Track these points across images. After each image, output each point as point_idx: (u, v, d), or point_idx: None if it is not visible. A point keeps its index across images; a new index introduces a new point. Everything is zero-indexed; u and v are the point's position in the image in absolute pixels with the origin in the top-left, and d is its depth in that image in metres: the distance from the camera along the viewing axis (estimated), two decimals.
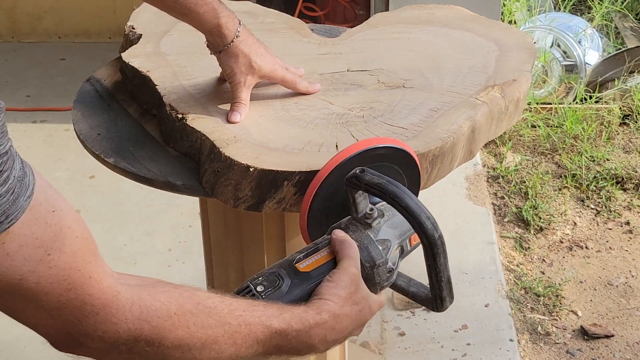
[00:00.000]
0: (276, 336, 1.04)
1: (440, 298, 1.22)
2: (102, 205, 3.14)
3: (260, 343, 1.03)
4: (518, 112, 1.63)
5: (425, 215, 1.16)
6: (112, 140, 1.54)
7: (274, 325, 1.04)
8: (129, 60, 1.66)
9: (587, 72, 3.87)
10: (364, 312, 1.15)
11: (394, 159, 1.31)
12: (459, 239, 2.96)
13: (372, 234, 1.22)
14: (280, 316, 1.05)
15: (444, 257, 1.18)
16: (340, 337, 1.13)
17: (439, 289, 1.21)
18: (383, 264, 1.20)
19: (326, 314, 1.10)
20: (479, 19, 1.88)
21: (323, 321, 1.09)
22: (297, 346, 1.07)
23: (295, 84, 1.56)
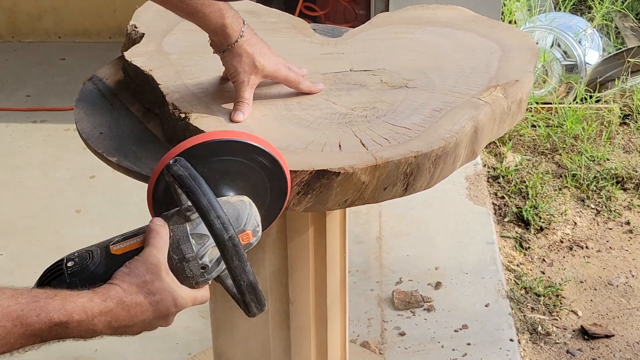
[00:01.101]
0: (56, 328, 1.05)
1: (244, 302, 1.19)
2: (102, 205, 3.14)
3: (38, 336, 1.05)
4: (520, 112, 1.64)
5: (214, 214, 1.13)
6: (114, 139, 1.54)
7: (54, 319, 1.05)
8: (131, 59, 1.66)
9: (587, 72, 3.87)
10: (163, 303, 1.13)
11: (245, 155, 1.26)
12: (459, 239, 2.96)
13: (189, 227, 1.19)
14: (62, 309, 1.06)
15: (237, 260, 1.15)
16: (131, 324, 1.12)
17: (241, 293, 1.18)
18: (193, 259, 1.18)
19: (111, 301, 1.10)
20: (481, 19, 1.88)
21: (108, 309, 1.09)
22: (79, 334, 1.08)
23: (298, 83, 1.56)
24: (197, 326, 2.54)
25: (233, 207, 1.22)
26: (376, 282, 2.75)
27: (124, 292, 1.11)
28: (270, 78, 1.55)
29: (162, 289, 1.14)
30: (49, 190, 3.24)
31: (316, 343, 1.80)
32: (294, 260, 1.67)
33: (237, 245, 1.14)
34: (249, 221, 1.22)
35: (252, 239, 1.24)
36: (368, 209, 3.07)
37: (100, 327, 1.09)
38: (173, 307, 1.15)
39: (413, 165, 1.38)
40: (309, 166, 1.32)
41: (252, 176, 1.27)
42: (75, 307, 1.07)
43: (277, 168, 1.28)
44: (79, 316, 1.07)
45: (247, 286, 1.17)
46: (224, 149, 1.24)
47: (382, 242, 2.94)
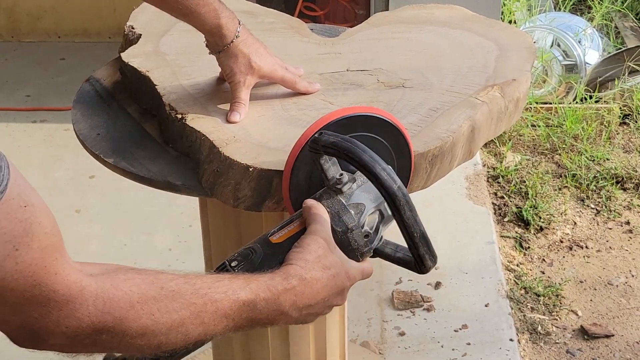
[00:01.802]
0: (245, 308, 1.04)
1: (419, 256, 1.18)
2: (102, 205, 3.14)
3: (229, 318, 1.03)
4: (518, 111, 1.63)
5: (380, 167, 1.13)
6: (111, 140, 1.54)
7: (241, 297, 1.04)
8: (128, 60, 1.66)
9: (587, 71, 3.87)
10: (339, 277, 1.14)
11: (378, 130, 1.27)
12: (459, 238, 2.96)
13: (344, 199, 1.20)
14: (246, 287, 1.05)
15: (409, 210, 1.14)
16: (314, 302, 1.11)
17: (414, 247, 1.17)
18: (356, 228, 1.18)
19: (293, 278, 1.09)
20: (478, 18, 1.88)
21: (291, 286, 1.08)
22: (268, 315, 1.07)
23: (295, 83, 1.56)
24: None
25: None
26: (376, 282, 2.75)
27: (302, 269, 1.10)
28: (267, 78, 1.55)
29: (335, 262, 1.14)
30: (49, 190, 3.25)
31: (315, 343, 1.80)
32: None
33: (406, 195, 1.14)
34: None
35: None
36: None
37: (286, 306, 1.08)
38: (347, 280, 1.15)
39: None
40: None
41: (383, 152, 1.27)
42: (260, 285, 1.06)
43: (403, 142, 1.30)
44: (264, 294, 1.06)
45: (421, 237, 1.16)
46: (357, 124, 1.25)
47: None
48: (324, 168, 1.20)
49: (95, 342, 0.94)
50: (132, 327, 0.95)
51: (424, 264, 1.19)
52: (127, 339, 0.96)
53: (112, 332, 0.94)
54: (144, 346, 0.98)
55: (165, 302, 0.98)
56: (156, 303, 0.97)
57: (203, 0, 1.46)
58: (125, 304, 0.95)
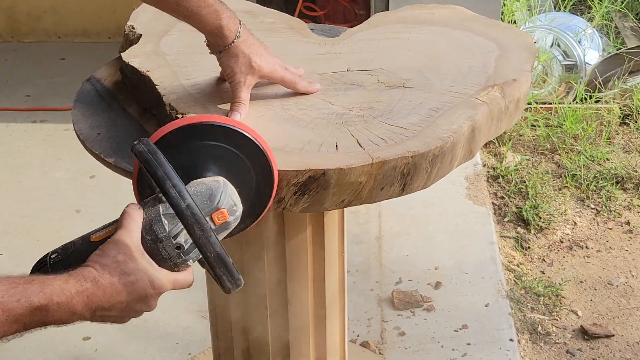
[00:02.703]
0: (37, 312, 1.06)
1: (216, 277, 1.17)
2: (102, 205, 3.14)
3: (20, 322, 1.05)
4: (518, 111, 1.63)
5: (170, 183, 1.13)
6: (112, 140, 1.54)
7: (35, 303, 1.05)
8: (128, 60, 1.66)
9: (587, 72, 3.87)
10: (139, 284, 1.14)
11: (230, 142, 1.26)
12: (459, 239, 2.96)
13: (162, 209, 1.19)
14: (40, 292, 1.06)
15: (199, 230, 1.14)
16: (108, 306, 1.12)
17: (210, 267, 1.17)
18: (166, 239, 1.17)
19: (86, 281, 1.10)
20: (479, 18, 1.88)
21: (84, 289, 1.10)
22: (60, 317, 1.09)
23: (295, 83, 1.56)
24: (197, 326, 2.54)
25: (206, 186, 1.22)
26: (376, 282, 2.75)
27: (97, 273, 1.12)
28: (267, 78, 1.55)
29: (136, 270, 1.14)
30: (49, 190, 3.25)
31: (315, 343, 1.80)
32: (292, 260, 1.67)
33: (196, 214, 1.14)
34: (223, 199, 1.21)
35: (230, 217, 1.22)
36: (367, 209, 3.07)
37: (79, 308, 1.10)
38: (150, 289, 1.15)
39: (410, 165, 1.38)
40: (306, 166, 1.32)
41: (236, 163, 1.26)
42: (54, 290, 1.08)
43: (260, 155, 1.28)
44: (58, 298, 1.08)
45: (215, 258, 1.16)
46: (203, 132, 1.24)
47: (381, 242, 2.94)
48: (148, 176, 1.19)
49: None
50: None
51: (223, 285, 1.18)
52: None
53: None
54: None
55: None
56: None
57: (204, 2, 1.46)
58: None
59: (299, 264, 1.68)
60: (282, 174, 1.32)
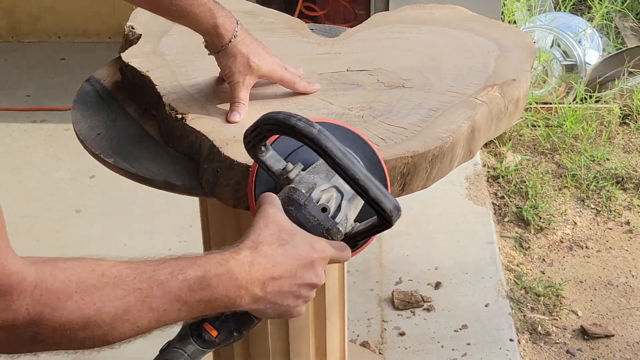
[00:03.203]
0: (196, 287, 0.96)
1: (375, 202, 1.09)
2: (102, 205, 3.14)
3: (181, 301, 0.96)
4: (518, 111, 1.63)
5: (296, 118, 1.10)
6: (111, 140, 1.54)
7: (190, 276, 0.96)
8: (128, 60, 1.66)
9: (587, 72, 3.87)
10: (300, 247, 1.05)
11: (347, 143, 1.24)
12: (459, 238, 2.96)
13: (294, 185, 1.16)
14: (194, 265, 0.98)
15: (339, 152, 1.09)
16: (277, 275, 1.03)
17: (364, 191, 1.09)
18: (309, 202, 1.12)
19: (244, 249, 1.02)
20: (478, 18, 1.88)
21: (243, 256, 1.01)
22: (226, 293, 0.99)
23: (294, 83, 1.56)
24: None
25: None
26: (376, 282, 2.75)
27: (254, 243, 1.03)
28: (266, 78, 1.54)
29: (293, 234, 1.06)
30: (49, 190, 3.25)
31: (315, 343, 1.80)
32: None
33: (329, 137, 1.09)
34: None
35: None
36: None
37: (244, 281, 0.99)
38: (313, 252, 1.07)
39: (410, 165, 1.38)
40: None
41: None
42: (209, 261, 0.99)
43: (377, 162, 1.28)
44: (216, 269, 0.98)
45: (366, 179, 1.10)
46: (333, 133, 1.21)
47: (382, 242, 2.94)
48: (268, 165, 1.18)
49: (35, 338, 0.89)
50: (72, 318, 0.90)
51: (383, 209, 1.10)
52: (68, 332, 0.90)
53: (51, 325, 0.89)
54: (87, 339, 0.92)
55: (107, 290, 0.92)
56: (97, 292, 0.91)
57: (197, 0, 1.45)
58: (63, 294, 0.89)
59: None
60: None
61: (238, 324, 1.09)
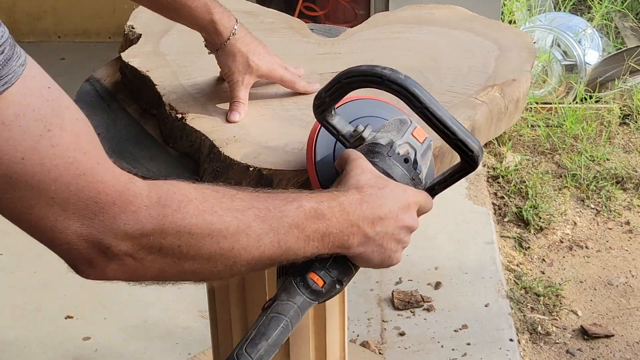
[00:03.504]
0: (311, 216, 0.98)
1: (463, 143, 1.12)
2: None
3: (299, 227, 0.97)
4: (518, 111, 1.63)
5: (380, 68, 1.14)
6: (111, 140, 1.54)
7: (304, 204, 0.97)
8: (128, 60, 1.66)
9: (587, 72, 3.87)
10: (397, 190, 1.08)
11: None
12: (459, 238, 2.96)
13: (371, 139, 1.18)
14: (307, 196, 0.99)
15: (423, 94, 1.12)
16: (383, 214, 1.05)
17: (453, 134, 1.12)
18: (392, 153, 1.14)
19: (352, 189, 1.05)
20: (478, 18, 1.88)
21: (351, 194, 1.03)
22: (339, 226, 1.00)
23: (294, 83, 1.56)
24: (197, 326, 2.54)
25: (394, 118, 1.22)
26: (376, 282, 2.75)
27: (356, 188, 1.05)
28: (266, 78, 1.54)
29: (387, 181, 1.09)
30: None
31: (315, 343, 1.80)
32: None
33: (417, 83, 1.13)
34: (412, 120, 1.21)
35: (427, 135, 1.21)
36: None
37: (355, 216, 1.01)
38: (408, 196, 1.09)
39: None
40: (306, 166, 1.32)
41: None
42: (322, 195, 1.02)
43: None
44: (328, 202, 1.00)
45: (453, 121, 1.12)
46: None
47: None
48: (337, 128, 1.19)
49: (162, 249, 0.87)
50: (196, 223, 0.89)
51: (470, 149, 1.13)
52: (194, 239, 0.89)
53: (175, 229, 0.87)
54: (215, 253, 0.91)
55: (226, 201, 0.92)
56: (216, 200, 0.91)
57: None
58: (183, 197, 0.88)
59: None
60: (281, 173, 1.32)
61: (340, 274, 1.10)
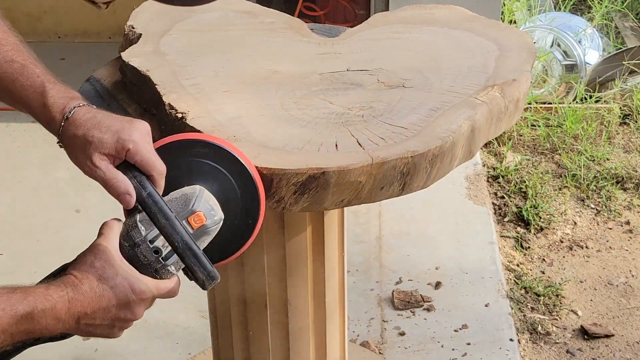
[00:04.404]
0: (23, 321, 1.06)
1: (189, 269, 1.19)
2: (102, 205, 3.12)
3: (7, 332, 1.05)
4: (518, 111, 1.63)
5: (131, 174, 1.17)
6: None
7: (19, 311, 1.06)
8: (128, 60, 1.66)
9: (587, 71, 3.87)
10: (119, 288, 1.13)
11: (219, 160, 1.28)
12: (459, 238, 2.96)
13: (139, 216, 1.21)
14: (24, 300, 1.06)
15: (163, 218, 1.16)
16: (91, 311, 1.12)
17: (180, 257, 1.18)
18: (143, 242, 1.18)
19: (67, 287, 1.11)
20: (478, 18, 1.88)
21: (64, 293, 1.10)
22: (46, 325, 1.09)
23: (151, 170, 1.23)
24: (197, 326, 2.54)
25: (182, 193, 1.24)
26: (376, 282, 2.75)
27: (76, 279, 1.12)
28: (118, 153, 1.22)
29: (115, 274, 1.14)
30: (49, 190, 3.25)
31: (315, 343, 1.80)
32: (292, 260, 1.67)
33: (158, 202, 1.17)
34: (198, 203, 1.23)
35: (207, 220, 1.23)
36: (368, 209, 3.07)
37: (62, 314, 1.09)
38: (131, 294, 1.14)
39: (410, 165, 1.38)
40: (306, 166, 1.32)
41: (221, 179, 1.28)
42: (37, 297, 1.08)
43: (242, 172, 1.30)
44: (42, 305, 1.08)
45: (185, 249, 1.17)
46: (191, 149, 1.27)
47: (382, 242, 2.94)
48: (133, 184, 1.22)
49: None
50: None
51: (195, 278, 1.19)
52: None
53: None
54: None
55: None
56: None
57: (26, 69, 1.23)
58: None
59: (299, 264, 1.68)
60: (281, 173, 1.32)
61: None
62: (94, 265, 1.13)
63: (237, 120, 1.47)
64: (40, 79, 1.24)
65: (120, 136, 1.18)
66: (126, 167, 1.20)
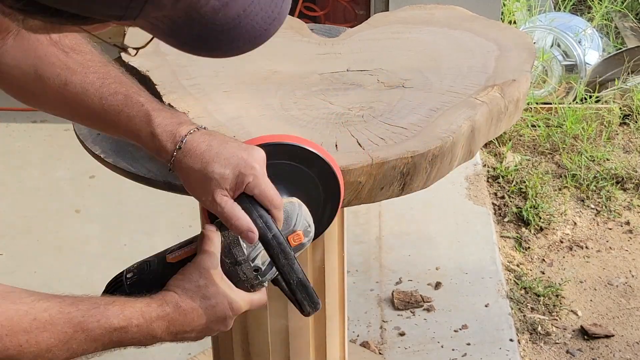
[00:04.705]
0: (116, 333, 1.08)
1: (297, 301, 1.22)
2: (102, 205, 3.14)
3: (99, 341, 1.07)
4: (518, 112, 1.63)
5: (256, 214, 1.16)
6: (111, 140, 1.54)
7: (114, 324, 1.07)
8: (128, 60, 1.66)
9: (587, 72, 3.87)
10: (219, 307, 1.15)
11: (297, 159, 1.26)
12: (459, 238, 2.96)
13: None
14: (120, 314, 1.08)
15: (284, 258, 1.17)
16: (189, 329, 1.14)
17: (292, 292, 1.21)
18: (245, 262, 1.19)
19: (168, 306, 1.12)
20: (478, 19, 1.88)
21: (165, 313, 1.11)
22: (139, 339, 1.11)
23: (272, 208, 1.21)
24: None
25: (283, 209, 1.23)
26: (376, 282, 2.75)
27: (180, 298, 1.13)
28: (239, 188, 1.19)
29: (217, 293, 1.15)
30: (49, 190, 3.25)
31: (315, 343, 1.80)
32: None
33: (282, 243, 1.17)
34: (299, 222, 1.24)
35: (304, 239, 1.25)
36: (367, 209, 3.07)
37: (159, 332, 1.11)
38: (229, 311, 1.17)
39: (410, 165, 1.38)
40: None
41: (305, 180, 1.27)
42: (134, 312, 1.09)
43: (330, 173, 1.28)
44: (137, 321, 1.09)
45: (297, 285, 1.20)
46: (277, 152, 1.24)
47: (382, 242, 2.94)
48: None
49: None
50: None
51: (302, 309, 1.23)
52: None
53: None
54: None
55: (36, 333, 1.02)
56: (25, 335, 1.01)
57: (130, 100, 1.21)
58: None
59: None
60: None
61: None
62: (199, 284, 1.14)
63: (237, 120, 1.47)
64: (145, 107, 1.20)
65: (241, 171, 1.16)
66: (246, 200, 1.18)
